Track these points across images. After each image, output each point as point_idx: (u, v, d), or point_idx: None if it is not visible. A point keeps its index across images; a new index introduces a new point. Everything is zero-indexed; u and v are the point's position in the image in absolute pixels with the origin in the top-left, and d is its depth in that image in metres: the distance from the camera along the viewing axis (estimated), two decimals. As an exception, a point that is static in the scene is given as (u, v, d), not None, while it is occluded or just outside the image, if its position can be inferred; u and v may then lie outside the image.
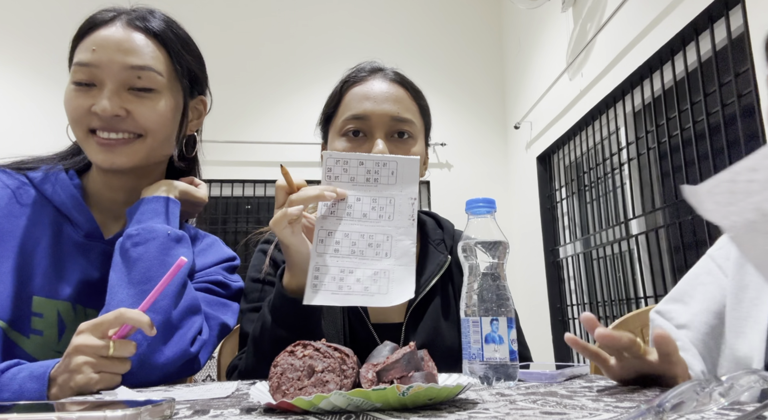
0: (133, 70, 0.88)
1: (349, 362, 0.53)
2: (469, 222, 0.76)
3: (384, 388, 0.46)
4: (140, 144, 0.90)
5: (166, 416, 0.46)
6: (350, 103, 1.02)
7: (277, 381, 0.52)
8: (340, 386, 0.51)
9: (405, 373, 0.52)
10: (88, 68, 0.87)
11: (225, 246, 1.08)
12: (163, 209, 0.91)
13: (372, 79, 1.04)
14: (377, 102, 1.01)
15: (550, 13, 3.35)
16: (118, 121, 0.88)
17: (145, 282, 0.82)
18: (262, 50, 3.98)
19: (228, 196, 3.85)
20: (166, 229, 0.88)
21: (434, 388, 0.48)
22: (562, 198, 3.40)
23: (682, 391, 0.38)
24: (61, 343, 0.86)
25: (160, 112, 0.91)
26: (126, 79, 0.88)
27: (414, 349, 0.55)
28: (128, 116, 0.88)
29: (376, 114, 1.00)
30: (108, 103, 0.86)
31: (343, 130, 1.01)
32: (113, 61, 0.87)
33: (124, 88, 0.88)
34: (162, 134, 0.92)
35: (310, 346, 0.53)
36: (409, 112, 1.03)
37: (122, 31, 0.89)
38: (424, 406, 0.50)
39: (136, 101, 0.89)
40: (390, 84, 1.04)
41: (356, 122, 1.00)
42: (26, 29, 3.69)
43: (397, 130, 1.02)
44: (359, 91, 1.03)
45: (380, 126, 1.00)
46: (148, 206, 0.90)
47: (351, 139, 1.01)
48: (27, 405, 0.47)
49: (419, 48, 4.03)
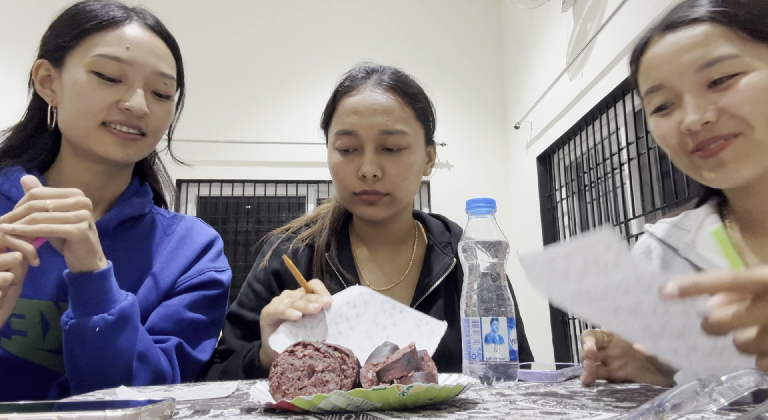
0: (161, 77, 0.93)
1: (350, 362, 0.53)
2: (469, 222, 0.76)
3: (384, 388, 0.46)
4: (144, 142, 0.94)
5: (166, 416, 0.46)
6: (340, 116, 1.02)
7: (278, 381, 0.52)
8: (340, 386, 0.51)
9: (405, 373, 0.52)
10: (120, 64, 0.88)
11: (205, 225, 1.08)
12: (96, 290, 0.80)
13: (363, 87, 1.02)
14: (365, 116, 0.99)
15: (550, 13, 3.35)
16: (140, 120, 0.91)
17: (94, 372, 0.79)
18: (262, 50, 3.98)
19: (228, 196, 3.85)
20: (96, 324, 0.78)
21: (434, 388, 0.47)
22: (562, 198, 3.40)
23: (682, 391, 0.38)
24: (47, 341, 0.85)
25: (168, 116, 0.97)
26: (154, 82, 0.92)
27: (414, 349, 0.55)
28: (147, 117, 0.91)
29: (365, 128, 0.99)
30: (142, 101, 0.89)
31: (335, 144, 1.02)
32: (148, 63, 0.90)
33: (149, 90, 0.92)
34: (160, 135, 0.98)
35: (310, 346, 0.53)
36: (399, 122, 1.00)
37: (148, 34, 0.92)
38: (424, 406, 0.50)
39: (156, 103, 0.93)
40: (382, 92, 1.01)
41: (345, 138, 1.00)
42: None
43: (386, 145, 1.00)
44: (348, 104, 1.01)
45: (369, 140, 0.99)
46: (79, 289, 0.79)
47: (343, 155, 1.02)
48: (27, 405, 0.47)
49: (419, 48, 4.03)
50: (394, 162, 1.00)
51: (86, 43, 0.89)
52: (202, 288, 0.97)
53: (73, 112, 0.89)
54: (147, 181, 1.07)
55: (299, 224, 1.13)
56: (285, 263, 0.84)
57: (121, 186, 1.00)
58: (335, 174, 1.03)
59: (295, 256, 1.05)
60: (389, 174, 1.00)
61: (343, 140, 1.01)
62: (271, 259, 1.06)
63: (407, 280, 1.07)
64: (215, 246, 1.05)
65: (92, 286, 0.78)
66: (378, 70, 1.05)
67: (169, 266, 0.97)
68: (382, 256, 1.10)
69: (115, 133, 0.90)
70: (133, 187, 1.01)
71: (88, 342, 0.78)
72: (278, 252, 1.06)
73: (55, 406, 0.46)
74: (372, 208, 1.02)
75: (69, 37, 0.90)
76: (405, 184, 1.02)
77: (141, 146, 0.94)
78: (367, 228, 1.11)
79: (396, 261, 1.10)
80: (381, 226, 1.09)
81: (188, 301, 0.95)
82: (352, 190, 1.01)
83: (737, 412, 0.43)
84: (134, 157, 0.94)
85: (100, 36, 0.89)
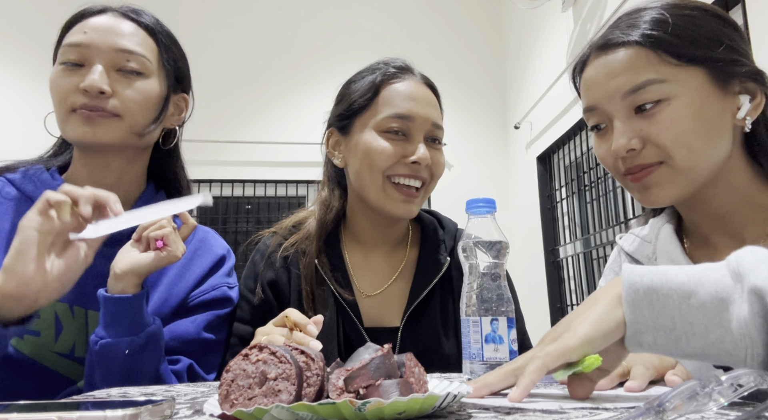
0: (123, 53, 0.90)
1: (314, 368, 0.46)
2: (469, 222, 0.76)
3: (333, 402, 0.40)
4: (119, 122, 0.90)
5: (166, 416, 0.46)
6: (393, 100, 1.00)
7: (227, 389, 0.46)
8: (296, 396, 0.44)
9: (372, 382, 0.45)
10: (78, 48, 0.88)
11: (218, 237, 1.07)
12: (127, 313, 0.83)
13: (408, 78, 1.03)
14: (420, 104, 1.00)
15: (550, 13, 3.35)
16: (101, 99, 0.88)
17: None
18: (262, 50, 3.98)
19: (228, 196, 3.85)
20: (126, 346, 0.80)
21: (399, 402, 0.40)
22: (562, 198, 3.40)
23: (682, 391, 0.38)
24: (59, 344, 0.85)
25: (144, 95, 0.92)
26: (115, 59, 0.90)
27: (388, 352, 0.48)
28: (112, 96, 0.89)
29: (421, 116, 1.00)
30: (97, 78, 0.87)
31: (386, 127, 0.99)
32: (104, 41, 0.89)
33: (113, 68, 0.90)
34: (140, 117, 0.92)
35: (266, 349, 0.46)
36: (440, 118, 1.04)
37: (113, 19, 0.92)
38: None
39: (123, 81, 0.90)
40: (425, 87, 1.04)
41: (401, 122, 0.99)
42: (22, 29, 3.69)
43: (433, 136, 1.02)
44: (401, 89, 1.01)
45: (421, 129, 1.00)
46: (116, 310, 0.82)
47: (393, 138, 0.99)
48: (27, 405, 0.47)
49: (419, 48, 4.03)
50: (436, 156, 1.02)
51: (65, 39, 0.92)
52: (214, 306, 0.98)
53: (54, 105, 0.91)
54: (163, 187, 1.05)
55: (286, 227, 1.09)
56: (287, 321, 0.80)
57: (134, 189, 0.99)
58: (379, 157, 0.98)
59: (286, 263, 1.03)
60: (436, 164, 1.02)
61: (398, 123, 0.98)
62: (266, 269, 1.04)
63: (401, 281, 1.06)
64: (228, 261, 1.05)
65: (129, 308, 0.80)
66: (412, 69, 1.07)
67: (183, 279, 0.97)
68: (377, 258, 1.08)
69: (80, 113, 0.88)
70: (148, 194, 1.00)
71: (114, 362, 0.79)
72: (271, 262, 1.04)
73: (55, 406, 0.46)
74: (407, 204, 1.00)
75: (59, 38, 0.93)
76: (439, 176, 1.05)
77: (114, 126, 0.90)
78: (370, 228, 1.08)
79: (390, 262, 1.08)
80: (384, 226, 1.07)
81: (200, 321, 0.95)
82: (395, 172, 0.99)
83: (737, 412, 0.43)
84: (108, 139, 0.89)
85: (70, 31, 0.91)
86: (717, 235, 0.83)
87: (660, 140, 0.75)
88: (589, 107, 0.83)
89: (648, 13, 0.79)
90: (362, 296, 1.04)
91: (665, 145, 0.75)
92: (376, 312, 1.03)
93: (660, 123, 0.75)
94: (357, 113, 1.02)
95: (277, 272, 1.03)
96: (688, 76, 0.76)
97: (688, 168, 0.76)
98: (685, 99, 0.75)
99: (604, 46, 0.80)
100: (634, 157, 0.78)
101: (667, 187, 0.77)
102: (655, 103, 0.76)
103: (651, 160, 0.77)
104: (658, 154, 0.76)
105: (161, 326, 0.86)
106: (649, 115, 0.76)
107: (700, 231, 0.86)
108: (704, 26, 0.77)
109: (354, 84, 1.05)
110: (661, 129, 0.75)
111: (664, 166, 0.77)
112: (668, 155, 0.76)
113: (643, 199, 0.81)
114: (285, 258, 1.04)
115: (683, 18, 0.77)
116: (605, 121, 0.82)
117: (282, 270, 1.03)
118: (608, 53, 0.79)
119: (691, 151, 0.75)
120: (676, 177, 0.77)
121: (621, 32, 0.79)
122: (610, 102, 0.79)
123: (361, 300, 1.03)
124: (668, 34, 0.76)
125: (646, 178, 0.78)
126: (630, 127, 0.77)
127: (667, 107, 0.75)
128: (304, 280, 1.01)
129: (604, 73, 0.79)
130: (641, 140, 0.77)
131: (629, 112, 0.78)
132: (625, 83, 0.77)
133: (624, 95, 0.77)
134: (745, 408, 0.45)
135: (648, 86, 0.75)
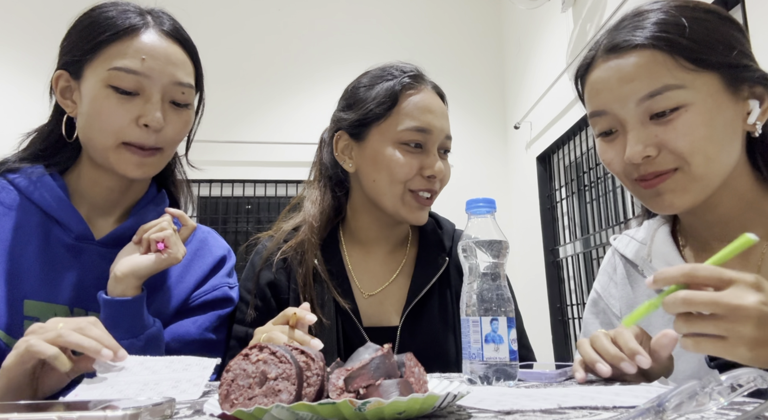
0: (179, 86, 0.89)
1: (314, 368, 0.46)
2: (469, 222, 0.76)
3: (333, 402, 0.40)
4: (160, 155, 0.92)
5: (166, 416, 0.46)
6: (412, 112, 1.00)
7: (227, 389, 0.46)
8: (296, 396, 0.44)
9: (372, 381, 0.45)
10: (136, 77, 0.85)
11: (218, 237, 1.07)
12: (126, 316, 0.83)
13: (423, 88, 1.03)
14: (437, 117, 1.02)
15: (550, 13, 3.35)
16: (155, 134, 0.88)
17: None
18: (262, 50, 3.98)
19: (228, 196, 3.85)
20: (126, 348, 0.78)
21: (399, 402, 0.41)
22: (562, 198, 3.40)
23: (682, 391, 0.38)
24: None
25: (186, 126, 0.93)
26: (171, 92, 0.89)
27: (388, 352, 0.48)
28: (164, 129, 0.89)
29: (437, 129, 1.01)
30: (159, 115, 0.86)
31: (405, 140, 0.99)
32: (164, 73, 0.87)
33: (167, 100, 0.89)
34: (176, 147, 0.95)
35: (266, 349, 0.46)
36: (450, 129, 1.05)
37: (165, 42, 0.89)
38: None
39: (173, 114, 0.90)
40: (438, 98, 1.05)
41: (420, 135, 0.99)
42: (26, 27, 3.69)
43: (445, 147, 1.04)
44: (419, 101, 1.01)
45: (437, 141, 1.02)
46: (115, 313, 0.82)
47: (411, 151, 0.99)
48: (27, 405, 0.47)
49: (419, 48, 4.03)
50: (446, 166, 1.04)
51: (103, 55, 0.86)
52: (216, 306, 0.98)
53: (95, 128, 0.87)
54: (165, 186, 1.05)
55: (286, 231, 1.08)
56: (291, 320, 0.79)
57: (139, 192, 0.99)
58: (401, 170, 0.98)
59: (284, 264, 1.03)
60: (446, 174, 1.04)
61: (417, 136, 0.99)
62: (264, 271, 1.03)
63: (399, 282, 1.06)
64: (229, 261, 1.05)
65: (129, 311, 0.81)
66: (424, 76, 1.07)
67: (184, 279, 0.97)
68: (376, 258, 1.08)
69: (134, 151, 0.87)
70: (150, 195, 1.00)
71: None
72: (270, 264, 1.04)
73: (55, 406, 0.46)
74: (421, 212, 1.03)
75: (86, 49, 0.87)
76: (446, 183, 1.07)
77: (157, 161, 0.92)
78: (373, 228, 1.08)
79: (389, 263, 1.09)
80: (388, 226, 1.08)
81: (202, 321, 0.95)
82: (413, 186, 1.00)
83: (737, 412, 0.43)
84: (151, 174, 0.93)
85: (116, 47, 0.86)
86: (716, 241, 0.83)
87: (677, 147, 0.74)
88: (597, 111, 0.81)
89: (656, 15, 0.77)
90: (361, 296, 1.04)
91: (682, 152, 0.74)
92: (375, 311, 1.03)
93: (677, 129, 0.74)
94: (374, 122, 1.01)
95: (276, 274, 1.03)
96: (704, 82, 0.74)
97: (704, 175, 0.75)
98: (701, 105, 0.73)
99: (615, 49, 0.78)
100: (648, 163, 0.77)
101: (681, 193, 0.76)
102: (672, 110, 0.74)
103: (666, 167, 0.76)
104: (673, 161, 0.75)
105: (161, 328, 0.86)
106: (666, 121, 0.74)
107: (698, 235, 0.86)
108: (718, 30, 0.76)
109: (367, 90, 1.04)
110: (678, 135, 0.74)
111: (680, 173, 0.76)
112: (685, 162, 0.75)
113: (655, 205, 0.80)
114: (284, 259, 1.04)
115: (697, 21, 0.75)
116: (616, 126, 0.80)
117: (281, 271, 1.03)
118: (620, 56, 0.77)
119: (707, 158, 0.74)
120: (691, 184, 0.76)
121: (631, 34, 0.76)
122: (623, 107, 0.77)
123: (361, 300, 1.03)
124: (685, 38, 0.74)
125: (660, 185, 0.77)
126: (645, 134, 0.76)
127: (685, 113, 0.74)
128: (303, 280, 1.01)
129: (616, 76, 0.77)
130: (657, 147, 0.75)
131: (644, 118, 0.76)
132: (641, 88, 0.75)
133: (639, 100, 0.75)
134: (745, 408, 0.45)
135: (665, 92, 0.74)
